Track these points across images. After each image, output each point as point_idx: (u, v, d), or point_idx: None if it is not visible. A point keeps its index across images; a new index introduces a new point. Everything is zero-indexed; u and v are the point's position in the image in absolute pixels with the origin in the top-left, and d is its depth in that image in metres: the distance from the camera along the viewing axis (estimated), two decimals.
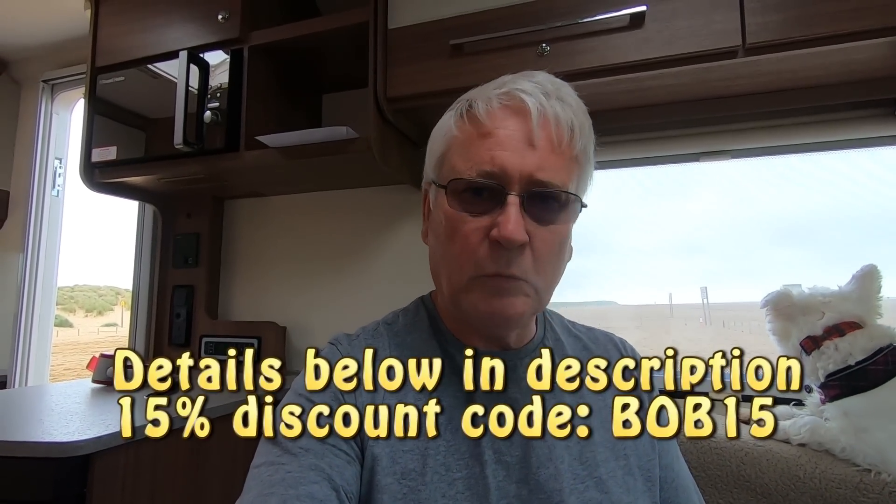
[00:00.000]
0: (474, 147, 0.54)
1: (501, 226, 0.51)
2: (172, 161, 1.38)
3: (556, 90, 0.55)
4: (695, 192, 1.53)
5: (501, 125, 0.54)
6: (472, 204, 0.54)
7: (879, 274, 0.97)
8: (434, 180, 0.60)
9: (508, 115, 0.54)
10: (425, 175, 0.63)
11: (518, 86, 0.55)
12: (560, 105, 0.54)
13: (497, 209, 0.52)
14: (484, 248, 0.52)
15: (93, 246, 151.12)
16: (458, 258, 0.54)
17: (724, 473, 0.94)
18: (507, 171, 0.52)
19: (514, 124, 0.53)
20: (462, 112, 0.57)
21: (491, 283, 0.53)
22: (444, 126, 0.59)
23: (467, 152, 0.55)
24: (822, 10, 0.89)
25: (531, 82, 0.55)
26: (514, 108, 0.54)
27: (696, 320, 8.53)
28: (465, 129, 0.56)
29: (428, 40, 1.14)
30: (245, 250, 1.74)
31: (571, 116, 0.55)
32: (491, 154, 0.53)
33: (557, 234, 0.55)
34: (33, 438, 0.86)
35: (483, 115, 0.54)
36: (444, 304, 0.62)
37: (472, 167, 0.53)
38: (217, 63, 1.34)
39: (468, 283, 0.54)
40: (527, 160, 0.52)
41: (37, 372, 1.97)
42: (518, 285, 0.53)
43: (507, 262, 0.52)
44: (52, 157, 2.05)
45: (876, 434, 0.84)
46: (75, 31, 1.86)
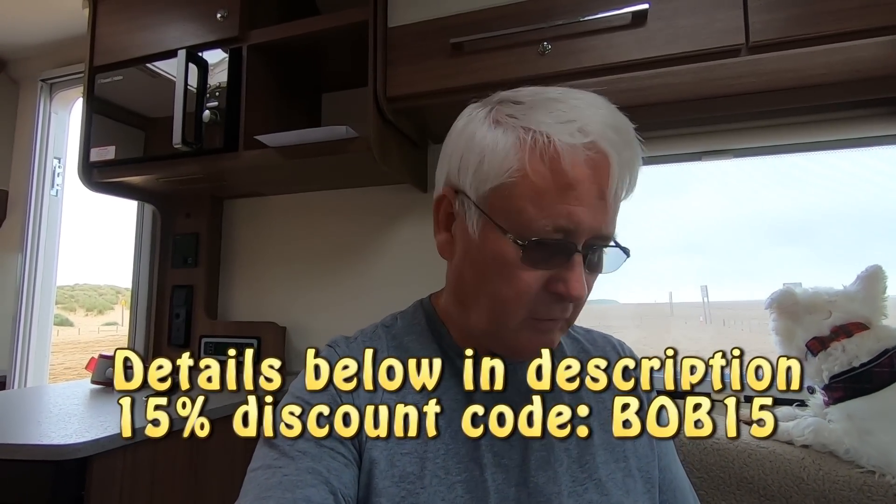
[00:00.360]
0: (551, 198, 0.49)
1: (570, 284, 0.50)
2: (171, 161, 1.37)
3: (625, 129, 0.52)
4: (695, 191, 1.52)
5: (583, 178, 0.49)
6: (540, 256, 0.51)
7: (885, 274, 0.96)
8: (479, 205, 0.53)
9: (590, 165, 0.49)
10: (448, 181, 0.57)
11: (596, 130, 0.49)
12: (630, 153, 0.51)
13: (561, 261, 0.51)
14: (542, 296, 0.52)
15: (93, 245, 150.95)
16: (510, 301, 0.52)
17: (727, 475, 0.93)
18: (581, 228, 0.50)
19: (591, 176, 0.49)
20: (539, 150, 0.50)
21: (543, 326, 0.54)
22: (501, 146, 0.51)
23: (542, 201, 0.49)
24: (826, 9, 0.88)
25: (606, 125, 0.50)
26: (597, 161, 0.49)
27: (696, 319, 8.56)
28: (542, 174, 0.49)
29: (428, 39, 1.13)
30: (244, 250, 1.74)
31: (637, 163, 0.53)
32: (569, 209, 0.49)
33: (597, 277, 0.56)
34: (31, 441, 0.86)
35: (567, 164, 0.49)
36: (459, 320, 0.60)
37: (549, 222, 0.49)
38: (216, 62, 1.33)
39: (519, 324, 0.53)
40: (598, 217, 0.50)
41: (36, 372, 1.97)
42: (563, 324, 0.55)
43: (563, 310, 0.53)
44: (50, 157, 2.04)
45: (880, 436, 0.84)
46: (74, 29, 1.86)
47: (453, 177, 0.56)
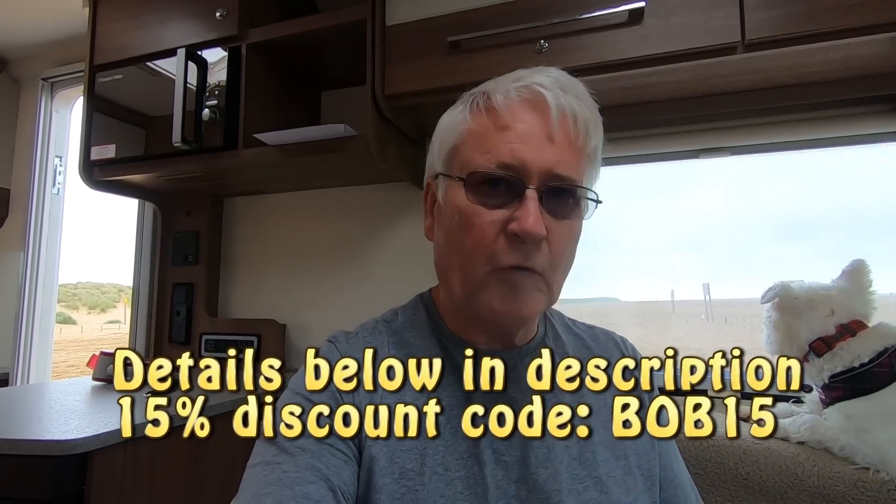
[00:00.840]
0: (492, 139, 0.53)
1: (521, 220, 0.50)
2: (171, 159, 1.38)
3: (572, 86, 0.55)
4: (696, 188, 1.52)
5: (520, 119, 0.53)
6: (489, 196, 0.53)
7: (869, 268, 0.96)
8: (444, 172, 0.58)
9: (527, 108, 0.54)
10: (430, 169, 0.62)
11: (536, 80, 0.54)
12: (576, 101, 0.54)
13: (515, 203, 0.52)
14: (501, 241, 0.52)
15: (95, 243, 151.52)
16: (472, 252, 0.53)
17: (723, 471, 0.93)
18: (527, 165, 0.52)
19: (532, 118, 0.53)
20: (479, 103, 0.56)
21: (509, 278, 0.52)
22: (457, 118, 0.58)
23: (484, 144, 0.54)
24: (823, 6, 0.88)
25: (548, 76, 0.55)
26: (533, 103, 0.54)
27: (698, 317, 8.57)
28: (481, 122, 0.55)
29: (426, 37, 1.13)
30: (244, 248, 1.74)
31: (587, 113, 0.55)
32: (510, 147, 0.52)
33: (572, 228, 0.55)
34: (32, 436, 0.86)
35: (502, 107, 0.54)
36: (448, 302, 0.61)
37: (491, 160, 0.52)
38: (215, 60, 1.34)
39: (485, 278, 0.53)
40: (545, 155, 0.52)
41: (38, 370, 1.98)
42: (534, 280, 0.53)
43: (525, 255, 0.52)
44: (52, 155, 2.05)
45: (877, 434, 0.84)
46: (74, 28, 1.86)
47: (431, 164, 0.61)
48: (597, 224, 0.62)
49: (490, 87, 0.56)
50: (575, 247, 0.57)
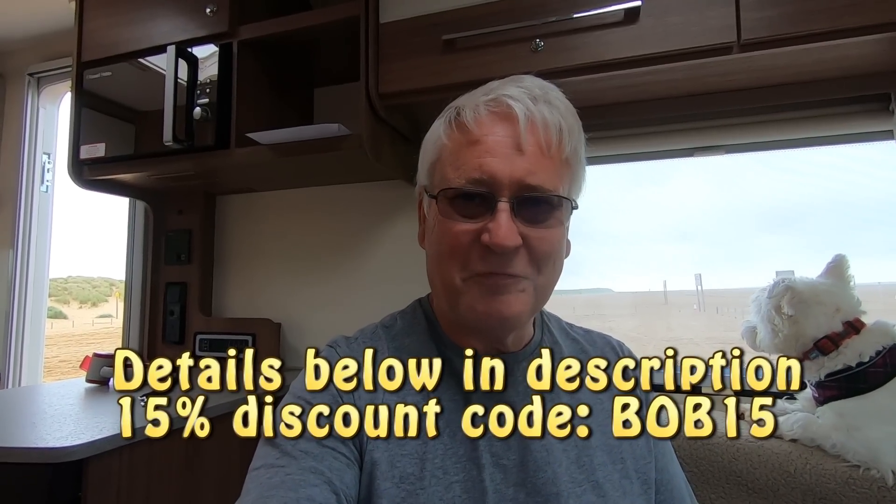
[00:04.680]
0: (463, 155, 0.54)
1: (493, 232, 0.51)
2: (162, 158, 1.36)
3: (543, 94, 0.55)
4: (688, 180, 1.53)
5: (490, 132, 0.54)
6: (463, 209, 0.54)
7: (849, 263, 0.97)
8: (426, 187, 0.60)
9: (496, 121, 0.54)
10: (418, 180, 0.63)
11: (505, 91, 0.55)
12: (548, 108, 0.54)
13: (488, 215, 0.53)
14: (475, 250, 0.53)
15: (85, 237, 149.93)
16: (449, 260, 0.55)
17: (716, 469, 0.95)
18: (497, 177, 0.52)
19: (502, 130, 0.54)
20: (451, 120, 0.57)
21: (486, 282, 0.53)
22: (435, 134, 0.59)
23: (456, 160, 0.55)
24: (818, 6, 0.88)
25: (518, 87, 0.55)
26: (502, 115, 0.54)
27: (690, 307, 8.65)
28: (453, 138, 0.56)
29: (420, 35, 1.12)
30: (238, 246, 1.73)
31: (560, 119, 0.55)
32: (479, 161, 0.53)
33: (551, 233, 0.55)
34: (26, 444, 0.86)
35: (471, 122, 0.55)
36: (441, 308, 0.62)
37: (462, 175, 0.54)
38: (206, 56, 1.31)
39: (462, 284, 0.54)
40: (516, 166, 0.52)
41: (30, 367, 1.96)
42: (515, 282, 0.54)
43: (500, 263, 0.53)
44: (39, 153, 2.01)
45: (868, 433, 0.84)
46: (61, 23, 1.82)
47: (419, 175, 0.63)
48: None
49: (462, 103, 0.57)
50: (560, 250, 0.58)
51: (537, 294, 0.56)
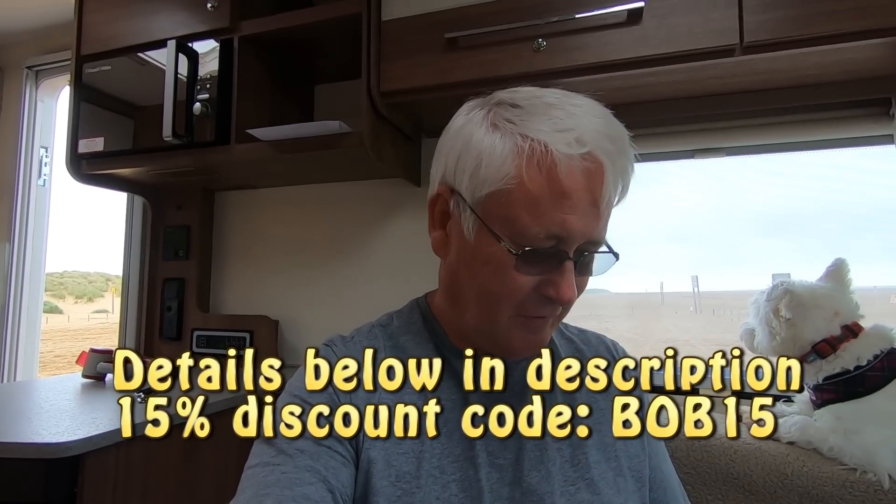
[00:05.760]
0: (546, 206, 0.50)
1: (561, 290, 0.52)
2: (161, 153, 1.35)
3: (621, 138, 0.52)
4: (686, 182, 1.53)
5: (578, 187, 0.50)
6: (531, 260, 0.52)
7: (849, 267, 0.96)
8: (475, 210, 0.53)
9: (584, 175, 0.50)
10: (443, 181, 0.57)
11: (593, 141, 0.50)
12: (624, 161, 0.52)
13: (553, 265, 0.52)
14: (532, 297, 0.53)
15: (82, 232, 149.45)
16: (502, 299, 0.53)
17: (714, 470, 0.95)
18: (574, 235, 0.50)
19: (586, 184, 0.50)
20: (538, 160, 0.50)
21: (533, 324, 0.55)
22: (500, 154, 0.51)
23: (537, 209, 0.50)
24: (821, 10, 0.88)
25: (601, 133, 0.51)
26: (591, 171, 0.50)
27: (686, 308, 8.67)
28: (538, 182, 0.50)
29: (422, 33, 1.12)
30: (236, 243, 1.73)
31: (630, 174, 0.53)
32: (563, 218, 0.50)
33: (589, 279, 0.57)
34: (23, 439, 0.85)
35: (563, 174, 0.49)
36: (444, 312, 0.62)
37: (542, 230, 0.50)
38: (206, 51, 1.31)
39: (508, 321, 0.55)
40: (590, 224, 0.51)
41: (26, 362, 1.95)
42: (553, 321, 0.57)
43: (552, 310, 0.55)
44: (37, 146, 2.00)
45: (866, 436, 0.85)
46: (59, 16, 1.81)
47: (449, 177, 0.56)
48: None
49: (548, 140, 0.50)
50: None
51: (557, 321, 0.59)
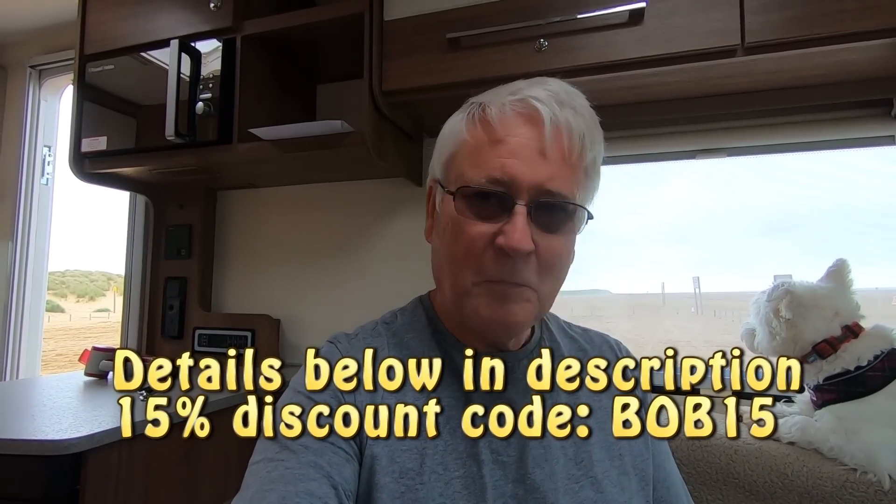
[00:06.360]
0: (484, 153, 0.54)
1: (508, 234, 0.51)
2: (164, 152, 1.36)
3: (570, 99, 0.55)
4: (686, 182, 1.53)
5: (514, 133, 0.53)
6: (479, 209, 0.54)
7: (850, 268, 0.97)
8: (440, 181, 0.59)
9: (521, 122, 0.53)
10: (431, 172, 0.62)
11: (532, 93, 0.54)
12: (573, 115, 0.54)
13: (504, 217, 0.52)
14: (489, 253, 0.53)
15: (84, 231, 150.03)
16: (461, 262, 0.54)
17: (714, 470, 0.95)
18: (517, 180, 0.52)
19: (526, 132, 0.53)
20: (474, 115, 0.56)
21: (495, 289, 0.54)
22: (455, 127, 0.58)
23: (477, 158, 0.54)
24: (823, 11, 0.88)
25: (545, 90, 0.54)
26: (527, 117, 0.53)
27: (687, 309, 8.65)
28: (476, 134, 0.55)
29: (424, 33, 1.12)
30: (238, 242, 1.73)
31: (584, 128, 0.54)
32: (501, 161, 0.52)
33: (563, 242, 0.55)
34: (25, 436, 0.86)
35: (496, 121, 0.54)
36: (444, 305, 0.62)
37: (482, 174, 0.53)
38: (209, 51, 1.31)
39: (472, 288, 0.54)
40: (537, 170, 0.52)
41: (28, 360, 1.96)
42: (521, 291, 0.54)
43: (512, 270, 0.53)
44: (40, 145, 2.01)
45: (866, 436, 0.85)
46: (63, 15, 1.82)
47: (434, 169, 0.61)
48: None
49: (487, 99, 0.57)
50: (568, 259, 0.58)
51: (541, 302, 0.56)
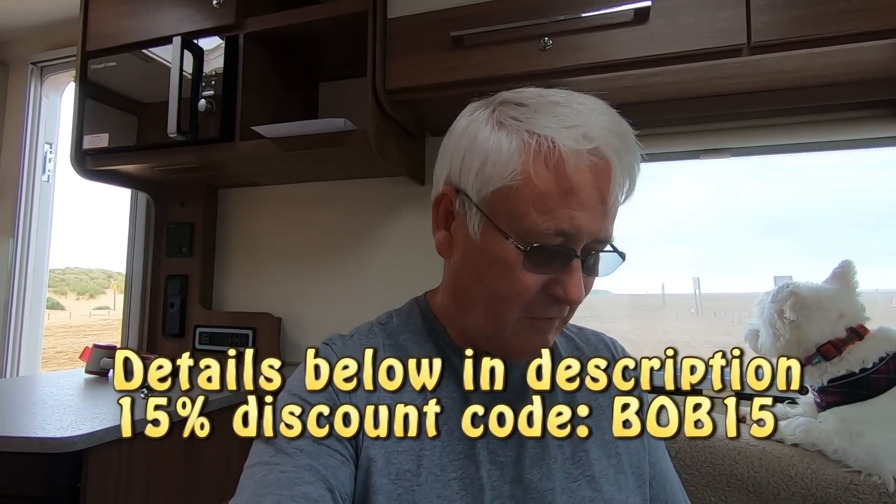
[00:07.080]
0: (554, 202, 0.49)
1: (566, 288, 0.51)
2: (166, 150, 1.36)
3: (627, 135, 0.52)
4: (687, 182, 1.53)
5: (585, 183, 0.49)
6: (538, 258, 0.51)
7: (856, 269, 0.96)
8: (480, 208, 0.53)
9: (590, 170, 0.50)
10: (449, 180, 0.56)
11: (604, 140, 0.50)
12: (631, 159, 0.52)
13: (559, 266, 0.51)
14: (540, 298, 0.52)
15: (85, 229, 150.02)
16: (509, 300, 0.53)
17: (717, 472, 0.95)
18: (581, 232, 0.50)
19: (594, 181, 0.50)
20: (545, 156, 0.50)
21: (539, 325, 0.54)
22: (506, 152, 0.51)
23: (544, 205, 0.49)
24: (829, 11, 0.88)
25: (612, 133, 0.51)
26: (599, 167, 0.50)
27: (687, 310, 8.65)
28: (545, 178, 0.49)
29: (428, 31, 1.12)
30: (240, 240, 1.73)
31: (637, 172, 0.53)
32: (571, 214, 0.49)
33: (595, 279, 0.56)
34: (26, 433, 0.86)
35: (572, 170, 0.49)
36: (446, 310, 0.61)
37: (550, 225, 0.49)
38: (211, 48, 1.31)
39: (516, 324, 0.54)
40: (597, 220, 0.51)
41: (28, 358, 1.96)
42: (559, 323, 0.56)
43: (559, 311, 0.54)
44: (41, 142, 2.01)
45: (870, 439, 0.85)
46: (65, 11, 1.81)
47: (454, 177, 0.55)
48: None
49: (554, 136, 0.50)
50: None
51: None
